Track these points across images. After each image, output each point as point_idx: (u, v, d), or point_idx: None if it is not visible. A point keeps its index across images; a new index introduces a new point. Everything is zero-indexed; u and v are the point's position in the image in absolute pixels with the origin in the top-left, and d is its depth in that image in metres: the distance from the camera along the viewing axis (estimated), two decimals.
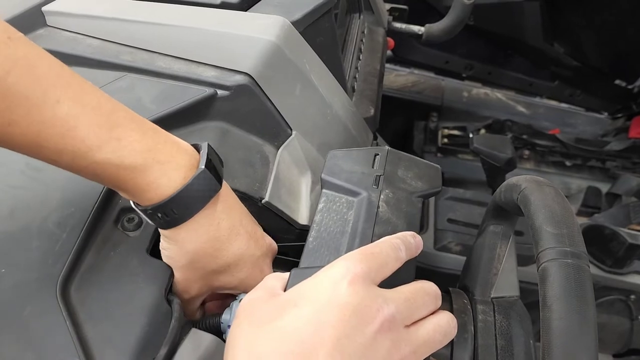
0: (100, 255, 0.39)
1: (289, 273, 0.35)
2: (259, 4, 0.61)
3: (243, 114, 0.53)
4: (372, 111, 0.76)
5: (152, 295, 0.38)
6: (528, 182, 0.38)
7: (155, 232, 0.42)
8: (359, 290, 0.30)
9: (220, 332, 0.41)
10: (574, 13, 1.43)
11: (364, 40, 0.93)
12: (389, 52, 1.43)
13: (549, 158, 1.58)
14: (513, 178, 0.40)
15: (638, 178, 1.40)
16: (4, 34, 0.31)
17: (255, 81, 0.52)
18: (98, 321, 0.35)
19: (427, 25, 1.12)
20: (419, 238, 0.37)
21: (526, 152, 1.58)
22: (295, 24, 0.57)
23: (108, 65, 0.54)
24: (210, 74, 0.52)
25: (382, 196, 0.43)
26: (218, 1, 0.58)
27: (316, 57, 0.61)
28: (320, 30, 0.62)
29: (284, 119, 0.55)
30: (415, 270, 0.38)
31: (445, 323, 0.33)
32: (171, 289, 0.40)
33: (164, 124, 0.39)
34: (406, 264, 0.35)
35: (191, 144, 0.40)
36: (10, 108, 0.30)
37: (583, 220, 1.20)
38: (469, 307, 0.40)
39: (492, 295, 0.42)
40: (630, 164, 1.56)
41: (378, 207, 0.42)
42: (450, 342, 0.37)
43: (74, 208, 0.41)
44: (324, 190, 0.45)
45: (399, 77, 1.62)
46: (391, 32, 1.12)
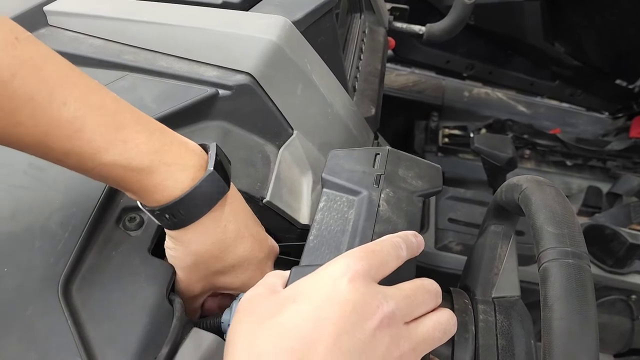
0: (102, 255, 0.39)
1: (289, 271, 0.35)
2: (260, 3, 0.61)
3: (244, 114, 0.53)
4: (373, 111, 0.76)
5: (154, 294, 0.38)
6: (529, 182, 0.38)
7: (157, 232, 0.42)
8: (359, 287, 0.30)
9: (221, 332, 0.41)
10: (574, 13, 1.43)
11: (365, 39, 0.93)
12: (390, 52, 1.43)
13: (550, 158, 1.58)
14: (514, 178, 0.40)
15: (639, 178, 1.40)
16: (11, 34, 0.31)
17: (257, 81, 0.52)
18: (100, 321, 0.35)
19: (428, 24, 1.12)
20: (420, 237, 0.37)
21: (527, 152, 1.58)
22: (297, 24, 0.57)
23: (110, 64, 0.54)
24: (211, 74, 0.52)
25: (383, 195, 0.43)
26: (219, 1, 0.58)
27: (317, 57, 0.61)
28: (322, 30, 0.62)
29: (285, 119, 0.55)
30: (415, 269, 0.38)
31: (445, 320, 0.33)
32: (173, 289, 0.40)
33: (166, 124, 0.39)
34: (407, 263, 0.35)
35: (199, 144, 0.39)
36: (17, 109, 0.30)
37: (584, 220, 1.20)
38: (470, 307, 0.40)
39: (493, 295, 0.42)
40: (631, 163, 1.56)
41: (379, 206, 0.42)
42: (451, 342, 0.37)
43: (75, 208, 0.41)
44: (324, 189, 0.45)
45: (399, 77, 1.62)
46: (392, 32, 1.12)
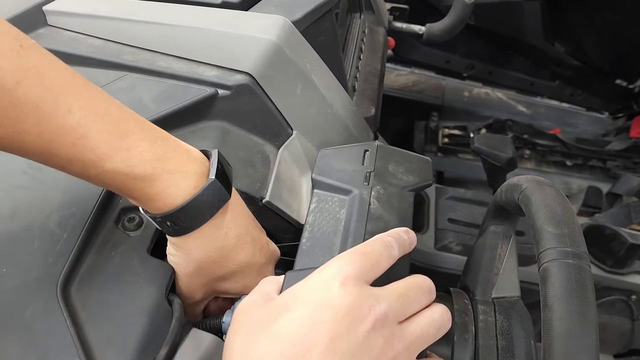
0: (101, 255, 0.39)
1: (283, 276, 0.35)
2: (259, 3, 0.61)
3: (244, 114, 0.53)
4: (373, 111, 0.76)
5: (153, 295, 0.38)
6: (529, 182, 0.38)
7: (156, 232, 0.42)
8: (351, 290, 0.30)
9: (221, 333, 0.41)
10: (575, 13, 1.43)
11: (364, 39, 0.93)
12: (390, 52, 1.43)
13: (550, 158, 1.58)
14: (514, 178, 0.40)
15: (639, 178, 1.40)
16: (16, 42, 0.31)
17: (256, 81, 0.52)
18: (99, 321, 0.35)
19: (428, 24, 1.12)
20: (412, 234, 0.37)
21: (527, 152, 1.58)
22: (296, 24, 0.57)
23: (109, 64, 0.54)
24: (211, 74, 0.52)
25: (373, 193, 0.43)
26: (219, 1, 0.58)
27: (317, 57, 0.61)
28: (321, 30, 0.62)
29: (285, 119, 0.55)
30: (409, 266, 0.38)
31: (439, 316, 0.33)
32: (172, 289, 0.40)
33: (165, 124, 0.39)
34: (400, 260, 0.35)
35: (200, 150, 0.40)
36: (21, 117, 0.30)
37: (584, 220, 1.20)
38: (469, 307, 0.40)
39: (493, 296, 0.42)
40: (631, 163, 1.56)
41: (370, 204, 0.42)
42: (451, 342, 0.37)
43: (75, 208, 0.41)
44: (315, 190, 0.45)
45: (399, 77, 1.62)
46: (392, 32, 1.12)
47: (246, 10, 0.59)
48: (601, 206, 1.43)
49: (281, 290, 0.34)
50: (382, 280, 0.33)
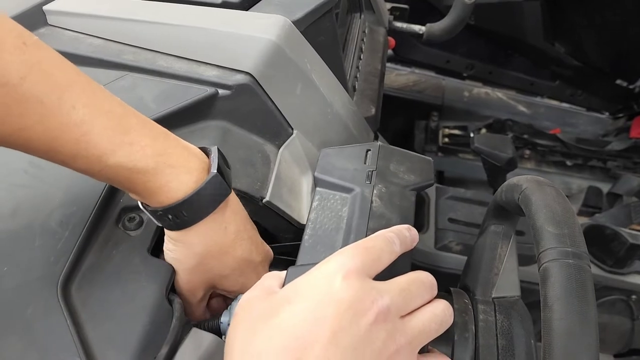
0: (102, 254, 0.39)
1: (285, 271, 0.35)
2: (260, 3, 0.61)
3: (244, 113, 0.53)
4: (373, 110, 0.76)
5: (154, 294, 0.38)
6: (529, 182, 0.38)
7: (156, 232, 0.42)
8: (354, 284, 0.30)
9: (220, 333, 0.41)
10: (575, 12, 1.43)
11: (364, 39, 0.93)
12: (390, 52, 1.43)
13: (550, 158, 1.58)
14: (514, 178, 0.40)
15: (639, 178, 1.40)
16: (19, 39, 0.31)
17: (257, 80, 0.52)
18: (99, 321, 0.35)
19: (428, 24, 1.12)
20: (414, 231, 0.37)
21: (527, 152, 1.58)
22: (296, 23, 0.57)
23: (110, 64, 0.54)
24: (211, 74, 0.52)
25: (375, 191, 0.43)
26: (219, 0, 0.58)
27: (317, 57, 0.61)
28: (321, 30, 0.62)
29: (285, 118, 0.55)
30: (410, 263, 0.38)
31: (441, 311, 0.33)
32: (173, 289, 0.40)
33: (166, 123, 0.39)
34: (401, 257, 0.35)
35: (199, 147, 0.40)
36: (26, 114, 0.31)
37: (584, 220, 1.20)
38: (470, 307, 0.40)
39: (493, 295, 0.42)
40: (631, 163, 1.56)
41: (371, 202, 0.42)
42: (451, 342, 0.37)
43: (75, 207, 0.41)
44: (317, 188, 0.45)
45: (399, 77, 1.62)
46: (392, 32, 1.12)
47: (246, 10, 0.59)
48: (601, 206, 1.43)
49: (283, 285, 0.34)
50: (384, 276, 0.33)
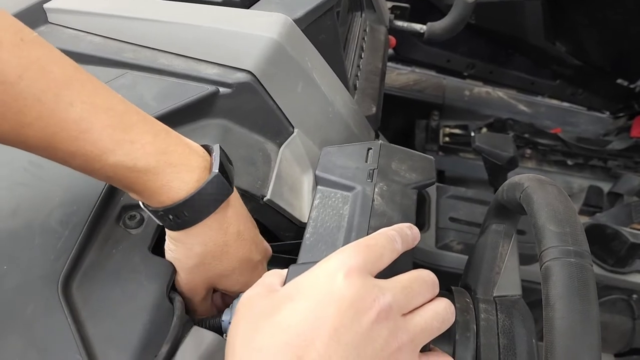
0: (102, 252, 0.39)
1: (287, 269, 0.35)
2: (261, 1, 0.61)
3: (245, 112, 0.53)
4: (374, 109, 0.76)
5: (154, 293, 0.37)
6: (530, 181, 0.38)
7: (157, 230, 0.42)
8: (355, 282, 0.30)
9: (221, 332, 0.41)
10: (576, 11, 1.42)
11: (365, 38, 0.93)
12: (391, 51, 1.42)
13: (551, 157, 1.58)
14: (515, 177, 0.40)
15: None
16: (17, 35, 0.30)
17: (257, 79, 0.52)
18: (100, 319, 0.35)
19: (429, 23, 1.12)
20: (415, 229, 0.37)
21: (528, 151, 1.58)
22: (298, 22, 0.57)
23: (110, 62, 0.54)
24: (212, 72, 0.52)
25: (377, 189, 0.43)
26: None
27: (318, 55, 0.61)
28: (323, 28, 0.62)
29: (286, 117, 0.55)
30: (412, 261, 0.38)
31: (443, 310, 0.33)
32: (173, 287, 0.40)
33: (166, 122, 0.39)
34: (403, 256, 0.35)
35: (201, 145, 0.40)
36: (24, 111, 0.30)
37: (585, 220, 1.20)
38: (471, 306, 0.40)
39: (495, 294, 0.42)
40: (632, 163, 1.56)
41: (373, 201, 0.42)
42: (452, 341, 0.37)
43: (76, 205, 0.41)
44: (318, 186, 0.45)
45: (400, 76, 1.62)
46: (393, 31, 1.12)
47: (247, 8, 0.59)
48: (602, 205, 1.43)
49: (284, 283, 0.34)
50: (385, 275, 0.32)
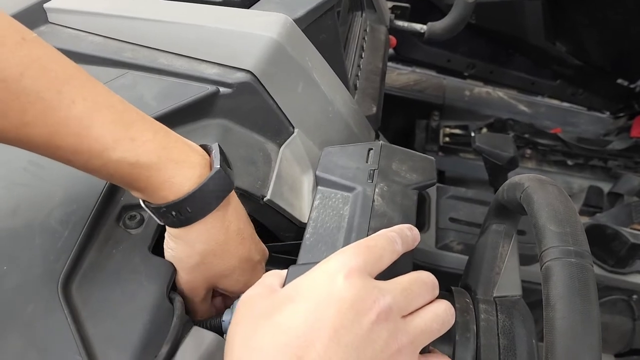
0: (102, 252, 0.39)
1: (287, 270, 0.35)
2: (261, 1, 0.61)
3: (245, 112, 0.53)
4: (374, 109, 0.76)
5: (154, 293, 0.37)
6: (531, 181, 0.38)
7: (157, 230, 0.42)
8: (355, 283, 0.30)
9: (221, 332, 0.41)
10: (576, 11, 1.42)
11: (366, 38, 0.93)
12: (391, 51, 1.42)
13: (551, 157, 1.58)
14: (516, 177, 0.40)
15: None
16: (18, 34, 0.31)
17: (258, 79, 0.52)
18: (100, 319, 0.35)
19: (429, 23, 1.12)
20: (415, 231, 0.37)
21: (528, 151, 1.58)
22: (298, 22, 0.57)
23: (110, 62, 0.54)
24: (212, 72, 0.52)
25: (377, 190, 0.43)
26: None
27: (318, 55, 0.61)
28: (323, 28, 0.62)
29: (286, 117, 0.55)
30: (412, 263, 0.38)
31: (443, 312, 0.33)
32: (173, 287, 0.40)
33: (166, 122, 0.39)
34: (403, 257, 0.35)
35: (199, 145, 0.40)
36: (25, 109, 0.30)
37: (585, 220, 1.20)
38: (471, 307, 0.40)
39: (495, 295, 0.42)
40: (632, 163, 1.56)
41: (373, 201, 0.42)
42: (452, 341, 0.37)
43: (76, 205, 0.41)
44: (319, 187, 0.45)
45: (400, 76, 1.62)
46: (393, 30, 1.12)
47: (247, 7, 0.59)
48: (602, 206, 1.43)
49: (284, 283, 0.34)
50: (385, 276, 0.32)
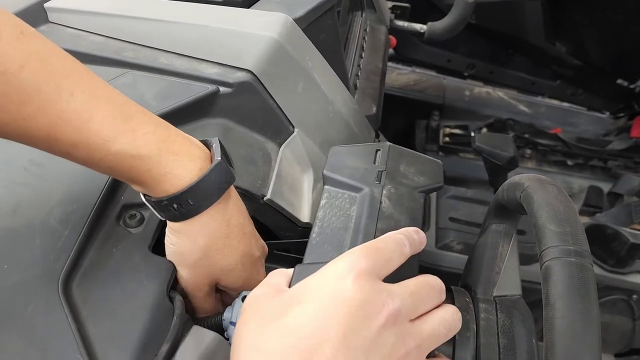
0: (103, 251, 0.39)
1: (293, 269, 0.35)
2: (261, 0, 0.61)
3: (245, 111, 0.53)
4: (374, 109, 0.76)
5: (154, 292, 0.37)
6: (531, 181, 0.38)
7: (157, 229, 0.42)
8: (365, 285, 0.30)
9: (222, 330, 0.41)
10: (576, 11, 1.42)
11: (366, 38, 0.93)
12: (391, 51, 1.42)
13: (551, 157, 1.58)
14: (515, 176, 0.40)
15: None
16: (16, 29, 0.31)
17: (258, 78, 0.52)
18: (100, 318, 0.35)
19: (429, 23, 1.12)
20: (422, 234, 0.37)
21: (528, 152, 1.58)
22: (298, 21, 0.57)
23: (110, 61, 0.54)
24: (212, 71, 0.52)
25: (385, 192, 0.43)
26: None
27: (318, 55, 0.61)
28: (323, 28, 0.62)
29: (286, 116, 0.55)
30: (418, 266, 0.38)
31: (450, 316, 0.33)
32: (174, 286, 0.40)
33: (167, 121, 0.39)
34: (409, 260, 0.35)
35: (199, 140, 0.40)
36: (25, 103, 0.30)
37: (585, 220, 1.20)
38: (471, 306, 0.40)
39: (495, 294, 0.42)
40: (632, 163, 1.56)
41: (381, 203, 0.42)
42: (452, 341, 0.37)
43: (76, 205, 0.41)
44: (326, 186, 0.45)
45: (400, 76, 1.62)
46: (393, 30, 1.12)
47: (248, 7, 0.59)
48: (602, 206, 1.43)
49: (291, 283, 0.34)
50: (392, 279, 0.32)
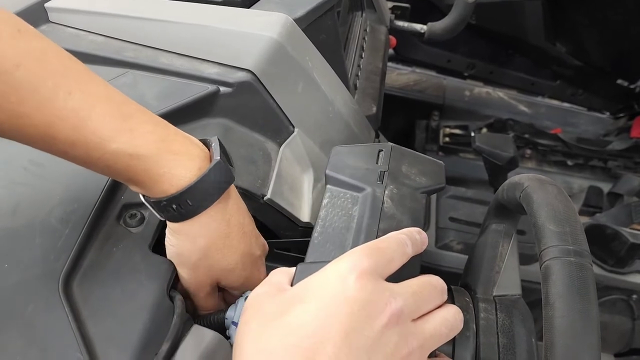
0: (103, 251, 0.39)
1: (294, 268, 0.35)
2: (261, 0, 0.61)
3: (245, 111, 0.53)
4: (374, 109, 0.76)
5: (155, 291, 0.37)
6: (531, 181, 0.38)
7: (157, 229, 0.42)
8: (367, 284, 0.30)
9: (223, 329, 0.41)
10: (576, 12, 1.42)
11: (366, 38, 0.93)
12: (391, 51, 1.42)
13: (551, 157, 1.58)
14: (515, 176, 0.40)
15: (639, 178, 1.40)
16: (14, 26, 0.31)
17: (258, 78, 0.52)
18: (100, 318, 0.35)
19: (430, 23, 1.12)
20: (424, 234, 0.37)
21: (528, 152, 1.58)
22: (298, 21, 0.57)
23: (111, 61, 0.54)
24: (212, 71, 0.52)
25: (387, 192, 0.43)
26: None
27: (319, 55, 0.61)
28: (323, 28, 0.62)
29: (286, 116, 0.55)
30: (420, 266, 0.38)
31: (452, 316, 0.33)
32: (174, 285, 0.40)
33: (167, 121, 0.39)
34: (411, 260, 0.35)
35: (198, 139, 0.39)
36: (22, 101, 0.30)
37: (585, 220, 1.20)
38: (471, 306, 0.40)
39: (494, 294, 0.42)
40: (632, 163, 1.56)
41: (383, 203, 0.42)
42: (452, 340, 0.37)
43: (76, 204, 0.41)
44: (328, 186, 0.45)
45: (400, 76, 1.62)
46: (393, 31, 1.12)
47: (248, 7, 0.59)
48: (602, 206, 1.43)
49: (293, 282, 0.34)
50: (394, 278, 0.32)
